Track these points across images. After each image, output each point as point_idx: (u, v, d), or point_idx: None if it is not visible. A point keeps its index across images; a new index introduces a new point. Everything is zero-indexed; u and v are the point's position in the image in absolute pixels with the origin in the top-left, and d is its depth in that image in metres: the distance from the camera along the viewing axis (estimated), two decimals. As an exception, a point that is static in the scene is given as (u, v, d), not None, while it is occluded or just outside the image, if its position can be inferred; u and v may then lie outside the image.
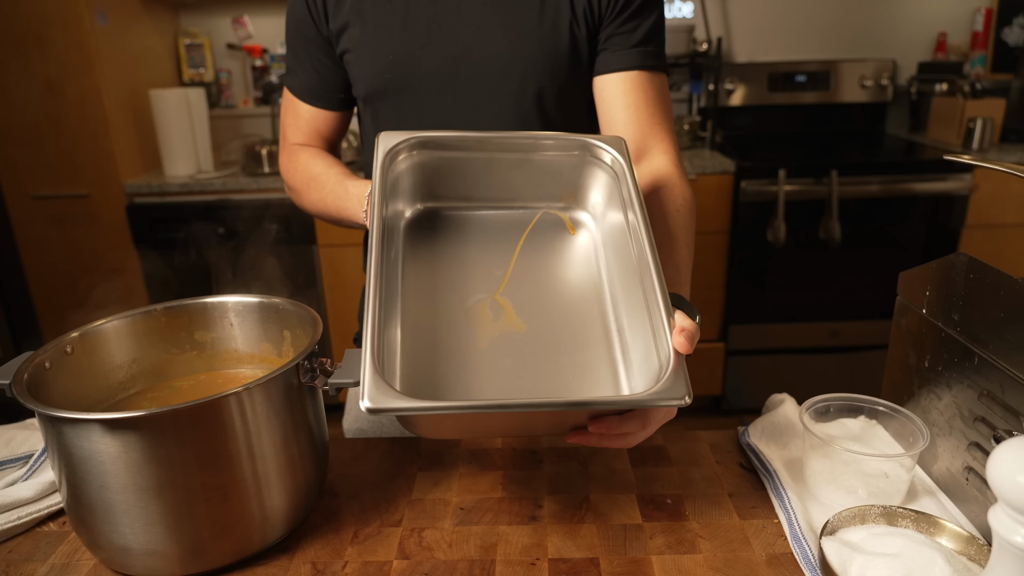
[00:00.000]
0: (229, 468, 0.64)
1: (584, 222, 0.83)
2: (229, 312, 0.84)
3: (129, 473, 0.60)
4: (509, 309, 0.74)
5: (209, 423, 0.62)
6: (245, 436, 0.64)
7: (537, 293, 0.76)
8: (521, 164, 0.81)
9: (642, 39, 0.92)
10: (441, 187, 0.82)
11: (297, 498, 0.70)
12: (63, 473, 0.63)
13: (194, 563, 0.65)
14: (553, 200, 0.83)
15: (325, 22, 0.95)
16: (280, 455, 0.67)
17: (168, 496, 0.62)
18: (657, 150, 0.93)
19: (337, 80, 1.00)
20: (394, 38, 0.91)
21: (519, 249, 0.79)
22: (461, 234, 0.81)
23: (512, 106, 0.92)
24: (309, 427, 0.72)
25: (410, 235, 0.80)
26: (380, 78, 0.94)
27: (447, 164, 0.81)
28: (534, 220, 0.82)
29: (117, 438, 0.59)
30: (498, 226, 0.82)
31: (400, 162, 0.79)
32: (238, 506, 0.65)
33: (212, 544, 0.65)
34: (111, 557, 0.66)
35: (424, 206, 0.83)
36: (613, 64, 0.92)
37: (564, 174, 0.82)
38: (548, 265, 0.79)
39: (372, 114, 0.99)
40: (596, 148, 0.79)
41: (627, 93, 0.92)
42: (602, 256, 0.80)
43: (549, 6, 0.90)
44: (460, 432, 0.79)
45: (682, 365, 0.59)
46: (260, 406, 0.65)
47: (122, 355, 0.80)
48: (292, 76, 1.03)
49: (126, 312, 0.80)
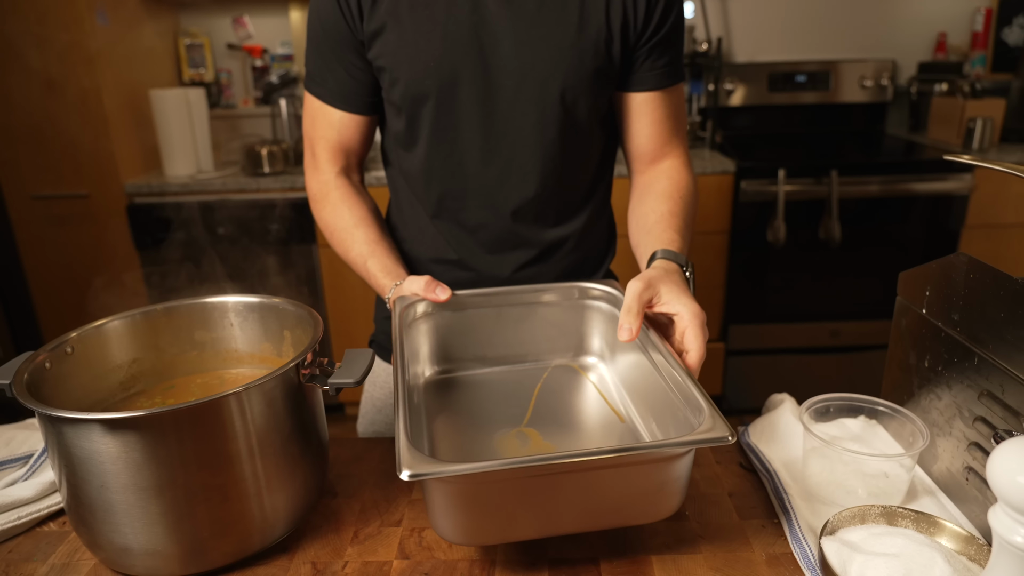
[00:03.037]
0: (229, 468, 0.64)
1: (593, 364, 0.92)
2: (229, 312, 0.84)
3: (129, 473, 0.60)
4: (536, 436, 0.77)
5: (209, 423, 0.62)
6: (245, 436, 0.64)
7: (560, 422, 0.80)
8: (527, 316, 0.91)
9: (672, 58, 0.98)
10: (455, 348, 0.90)
11: (297, 498, 0.70)
12: (63, 473, 0.63)
13: (194, 563, 0.65)
14: (562, 351, 0.92)
15: (360, 22, 0.93)
16: (280, 455, 0.67)
17: (168, 496, 0.62)
18: (672, 156, 1.03)
19: (369, 83, 0.98)
20: (434, 45, 0.90)
21: (537, 391, 0.86)
22: (480, 389, 0.88)
23: (547, 116, 0.94)
24: (309, 427, 0.72)
25: (430, 392, 0.87)
26: (420, 85, 0.93)
27: (459, 323, 0.89)
28: (546, 373, 0.90)
29: (117, 438, 0.59)
30: (514, 380, 0.89)
31: (417, 325, 0.87)
32: (238, 506, 0.65)
33: (212, 544, 0.65)
34: (111, 557, 0.66)
35: (442, 368, 0.91)
36: (646, 84, 0.97)
37: (568, 322, 0.91)
38: (566, 401, 0.85)
39: (407, 121, 0.97)
40: (592, 291, 0.90)
41: (654, 110, 0.99)
42: (617, 384, 0.86)
43: (588, 23, 0.91)
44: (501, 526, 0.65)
45: (716, 410, 0.62)
46: (260, 406, 0.65)
47: (122, 355, 0.80)
48: (319, 83, 1.00)
49: (126, 312, 0.80)
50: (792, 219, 2.38)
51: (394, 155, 1.04)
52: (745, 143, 2.74)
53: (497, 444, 0.75)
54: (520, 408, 0.82)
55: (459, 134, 0.95)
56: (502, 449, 0.74)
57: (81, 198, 2.44)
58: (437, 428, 0.80)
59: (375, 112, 1.02)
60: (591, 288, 0.90)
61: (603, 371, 0.90)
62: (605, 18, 0.91)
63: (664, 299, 0.77)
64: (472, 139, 0.95)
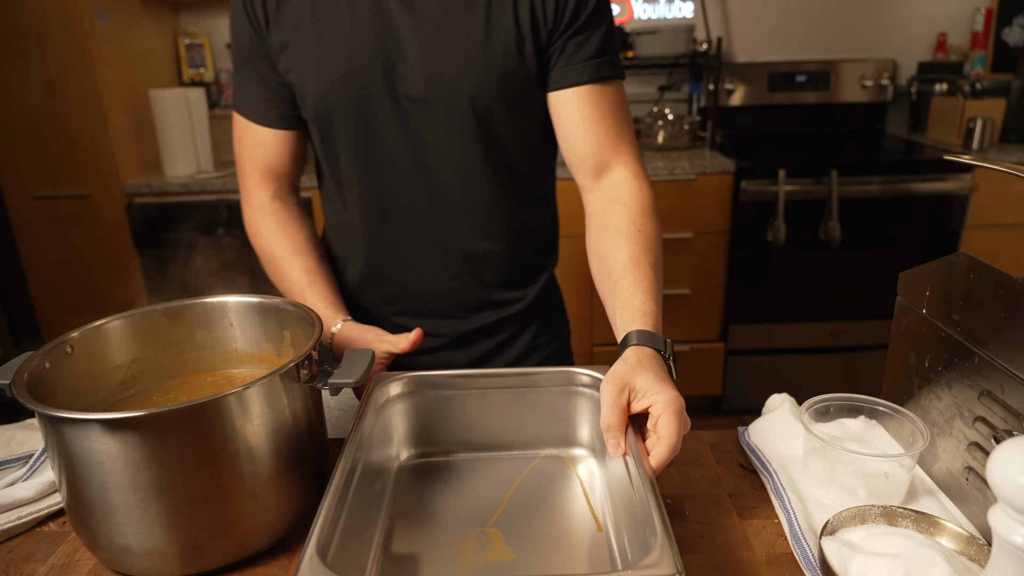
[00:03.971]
0: (229, 468, 0.64)
1: (583, 457, 0.83)
2: (229, 312, 0.84)
3: (129, 473, 0.60)
4: (498, 540, 0.71)
5: (209, 423, 0.62)
6: (245, 436, 0.64)
7: (531, 523, 0.73)
8: (513, 402, 0.82)
9: (595, 51, 0.89)
10: (436, 431, 0.83)
11: (297, 498, 0.70)
12: (63, 473, 0.63)
13: (194, 563, 0.65)
14: (549, 443, 0.84)
15: (267, 34, 0.91)
16: (280, 455, 0.67)
17: (168, 496, 0.62)
18: (617, 163, 0.93)
19: (289, 96, 0.95)
20: (339, 57, 0.88)
21: (516, 486, 0.79)
22: (457, 477, 0.81)
23: (462, 128, 0.90)
24: (309, 427, 0.72)
25: (403, 477, 0.81)
26: (328, 100, 0.90)
27: (440, 405, 0.82)
28: (531, 465, 0.82)
29: (117, 438, 0.59)
30: (496, 469, 0.82)
31: (393, 404, 0.81)
32: (238, 506, 0.65)
33: (212, 544, 0.65)
34: (111, 557, 0.66)
35: (421, 451, 0.84)
36: (566, 80, 0.90)
37: (556, 409, 0.82)
38: (546, 497, 0.77)
39: (320, 136, 0.95)
40: (581, 376, 0.81)
41: (582, 108, 0.90)
42: (603, 483, 0.78)
43: (494, 25, 0.86)
44: None
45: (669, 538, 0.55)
46: (260, 406, 0.65)
47: (122, 355, 0.80)
48: (244, 102, 0.97)
49: (126, 312, 0.80)
50: (792, 219, 2.38)
51: (321, 170, 1.02)
52: (745, 143, 2.74)
53: (455, 545, 0.70)
54: (494, 502, 0.76)
55: (376, 149, 0.92)
56: (457, 552, 0.69)
57: (81, 198, 2.44)
58: (399, 518, 0.74)
59: (300, 127, 0.99)
60: (580, 374, 0.81)
61: (592, 466, 0.81)
62: (513, 18, 0.87)
63: (640, 394, 0.70)
64: (392, 153, 0.92)
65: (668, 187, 2.38)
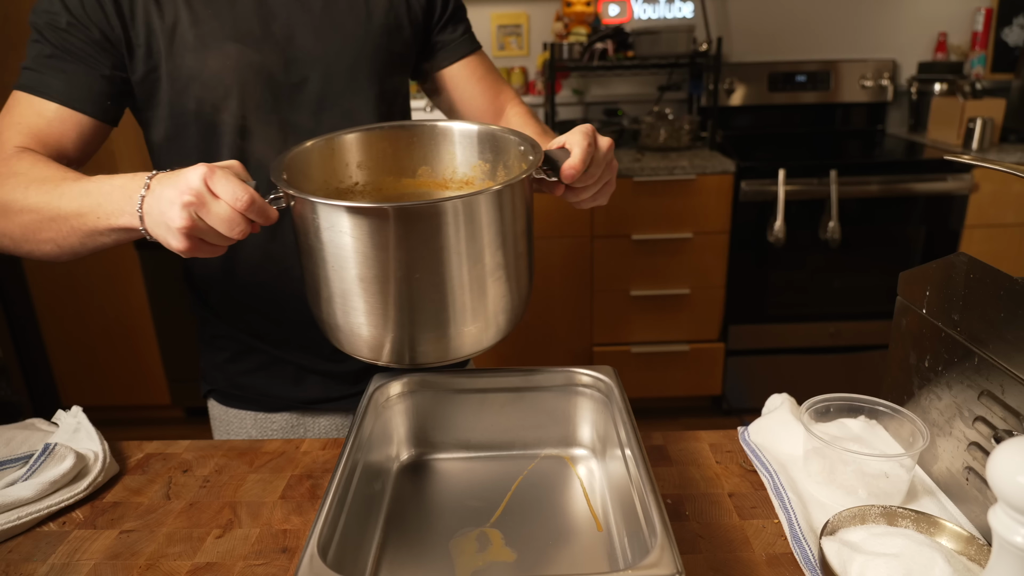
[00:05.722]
0: (489, 259, 0.71)
1: (584, 457, 0.84)
2: (454, 134, 0.90)
3: (373, 264, 0.67)
4: (498, 540, 0.71)
5: (472, 218, 0.68)
6: (494, 233, 0.71)
7: (532, 523, 0.74)
8: (513, 401, 0.83)
9: (465, 28, 1.07)
10: (436, 431, 0.84)
11: (513, 305, 0.77)
12: (306, 257, 0.72)
13: (395, 355, 0.73)
14: (549, 443, 0.85)
15: (132, 25, 0.86)
16: (511, 255, 0.74)
17: (391, 288, 0.68)
18: (509, 104, 1.10)
19: (114, 84, 0.89)
20: (226, 47, 0.86)
21: (516, 485, 0.79)
22: (457, 477, 0.82)
23: (360, 107, 0.95)
24: (528, 234, 0.78)
25: (403, 477, 0.81)
26: (215, 90, 0.87)
27: (440, 405, 0.83)
28: (531, 465, 0.83)
29: (363, 227, 0.66)
30: (496, 469, 0.82)
31: (393, 404, 0.81)
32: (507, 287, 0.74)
33: (420, 340, 0.72)
34: (332, 334, 0.75)
35: (420, 451, 0.84)
36: (454, 55, 1.06)
37: (556, 409, 0.83)
38: (546, 497, 0.78)
39: (203, 131, 0.91)
40: (581, 376, 0.82)
41: (473, 73, 1.08)
42: (604, 483, 0.79)
43: (375, 10, 0.95)
44: None
45: (669, 538, 0.55)
46: (507, 207, 0.71)
47: (352, 164, 0.87)
48: (46, 72, 0.86)
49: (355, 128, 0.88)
50: (792, 219, 2.38)
51: None
52: (745, 143, 2.74)
53: (453, 546, 0.70)
54: (494, 502, 0.77)
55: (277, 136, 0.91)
56: (457, 552, 0.69)
57: (81, 198, 2.44)
58: (399, 518, 0.75)
59: (113, 123, 0.93)
60: (580, 374, 0.82)
61: (592, 466, 0.82)
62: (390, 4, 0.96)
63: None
64: (286, 143, 0.89)
65: (668, 187, 2.38)
